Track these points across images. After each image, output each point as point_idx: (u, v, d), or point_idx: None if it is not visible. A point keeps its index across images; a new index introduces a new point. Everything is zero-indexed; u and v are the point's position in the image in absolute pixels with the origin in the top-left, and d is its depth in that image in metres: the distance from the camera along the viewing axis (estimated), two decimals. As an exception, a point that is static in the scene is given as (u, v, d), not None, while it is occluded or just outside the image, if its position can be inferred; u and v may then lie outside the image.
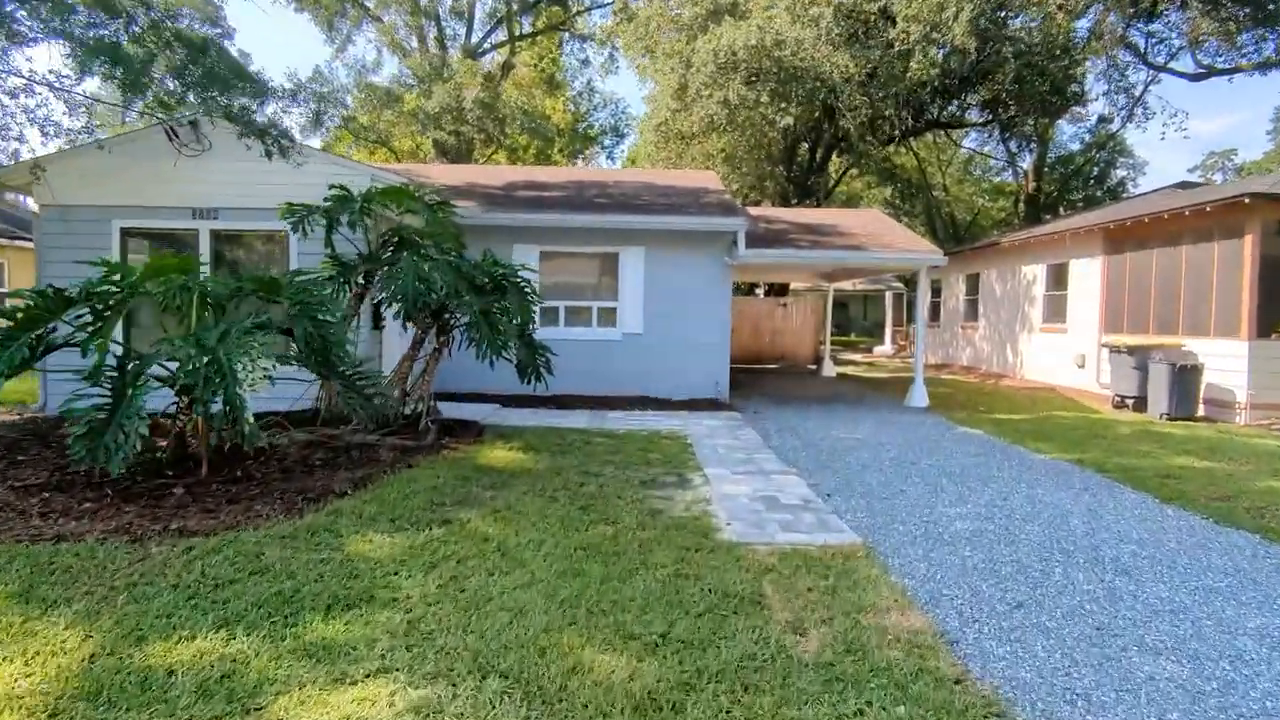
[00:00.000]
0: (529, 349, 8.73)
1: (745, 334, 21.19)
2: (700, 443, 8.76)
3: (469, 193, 13.13)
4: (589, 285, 12.64)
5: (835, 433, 9.79)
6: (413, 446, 7.85)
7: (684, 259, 12.27)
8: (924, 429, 10.24)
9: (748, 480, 6.97)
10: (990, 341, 19.18)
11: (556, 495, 6.13)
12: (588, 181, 14.64)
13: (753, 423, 10.51)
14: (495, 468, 7.14)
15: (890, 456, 8.24)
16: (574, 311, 12.47)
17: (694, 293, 12.28)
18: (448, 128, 24.21)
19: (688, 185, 14.46)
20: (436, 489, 6.21)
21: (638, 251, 12.25)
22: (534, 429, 9.34)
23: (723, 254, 12.25)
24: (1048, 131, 31.30)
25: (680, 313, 12.29)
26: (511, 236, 12.21)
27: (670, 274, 12.27)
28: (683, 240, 12.23)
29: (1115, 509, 6.24)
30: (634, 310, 12.30)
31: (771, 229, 13.76)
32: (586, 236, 12.23)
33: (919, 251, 12.49)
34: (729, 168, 26.29)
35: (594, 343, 12.34)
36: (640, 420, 10.35)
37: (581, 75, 37.39)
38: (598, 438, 8.92)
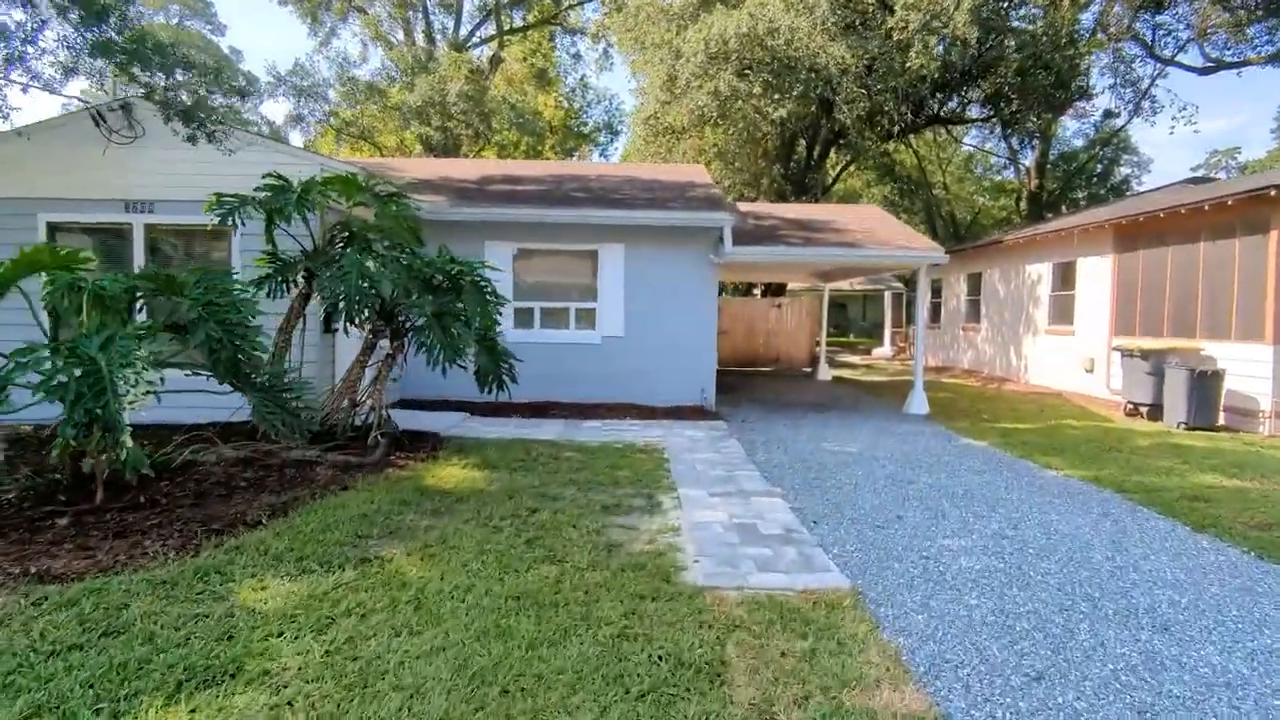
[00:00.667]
0: (490, 355, 7.96)
1: (739, 336, 20.42)
2: (678, 457, 7.98)
3: (441, 186, 12.36)
4: (566, 285, 11.87)
5: (827, 445, 9.01)
6: (356, 463, 7.08)
7: (667, 257, 11.50)
8: (923, 440, 9.46)
9: (725, 504, 6.19)
10: (993, 344, 18.40)
11: (502, 525, 5.36)
12: (567, 175, 13.86)
13: (739, 433, 9.73)
14: (442, 489, 6.36)
15: (886, 474, 7.46)
16: (550, 313, 11.70)
17: (678, 293, 11.50)
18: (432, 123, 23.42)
19: (673, 179, 13.69)
20: (366, 517, 5.44)
21: (617, 249, 11.48)
22: (499, 441, 8.56)
23: (708, 251, 11.47)
24: (1051, 127, 30.51)
25: (663, 314, 11.52)
26: (483, 233, 11.43)
27: (652, 273, 11.50)
28: (666, 237, 11.45)
29: (1142, 540, 5.46)
30: (614, 312, 11.53)
31: (761, 225, 12.99)
32: (563, 233, 11.45)
33: (918, 249, 11.72)
34: (723, 165, 25.51)
35: (572, 346, 11.57)
36: (618, 430, 9.57)
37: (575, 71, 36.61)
38: (567, 451, 8.15)
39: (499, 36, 29.67)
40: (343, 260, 7.06)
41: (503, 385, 8.05)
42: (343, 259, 7.08)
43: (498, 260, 11.39)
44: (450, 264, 7.65)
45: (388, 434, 7.78)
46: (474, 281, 7.73)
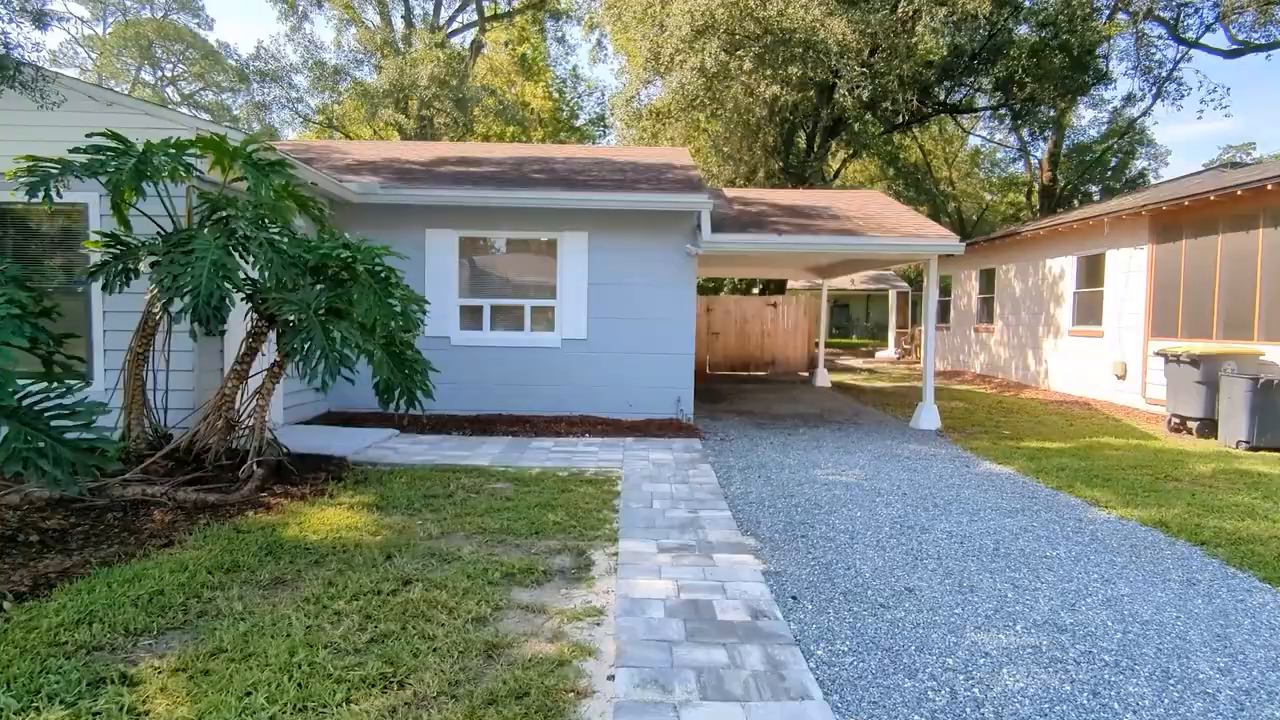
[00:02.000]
0: (397, 364, 6.38)
1: (731, 337, 18.85)
2: (634, 490, 6.40)
3: (384, 169, 10.79)
4: (522, 280, 10.30)
5: (820, 472, 7.42)
6: (214, 503, 5.52)
7: (637, 247, 9.91)
8: (937, 466, 7.86)
9: (677, 564, 4.61)
10: (1009, 346, 16.79)
11: (350, 608, 3.78)
12: (530, 157, 12.29)
13: (716, 454, 8.14)
14: (304, 542, 4.79)
15: (892, 516, 5.86)
16: (503, 312, 10.12)
17: (650, 289, 9.92)
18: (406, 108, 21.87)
19: (649, 162, 12.11)
20: (163, 594, 3.87)
21: (579, 237, 9.90)
22: (417, 468, 6.99)
23: (685, 241, 9.89)
24: (1065, 116, 28.84)
25: (633, 313, 9.93)
26: (424, 219, 9.86)
27: (621, 266, 9.91)
28: (635, 224, 9.87)
29: (1255, 630, 3.86)
30: (576, 310, 9.94)
31: (748, 211, 11.40)
32: (517, 218, 9.88)
33: (927, 237, 10.12)
34: (717, 156, 23.91)
35: (527, 351, 9.99)
36: (569, 452, 7.99)
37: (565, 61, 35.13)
38: (497, 482, 6.59)
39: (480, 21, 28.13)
40: (192, 244, 5.48)
41: (413, 401, 6.47)
42: (192, 242, 5.50)
43: (441, 250, 9.83)
44: (339, 248, 6.07)
45: (266, 462, 6.20)
46: (372, 270, 6.15)
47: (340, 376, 5.68)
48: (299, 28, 26.35)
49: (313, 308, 5.85)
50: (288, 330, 5.83)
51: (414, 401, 6.45)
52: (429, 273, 9.89)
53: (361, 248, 6.21)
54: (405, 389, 6.37)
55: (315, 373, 5.57)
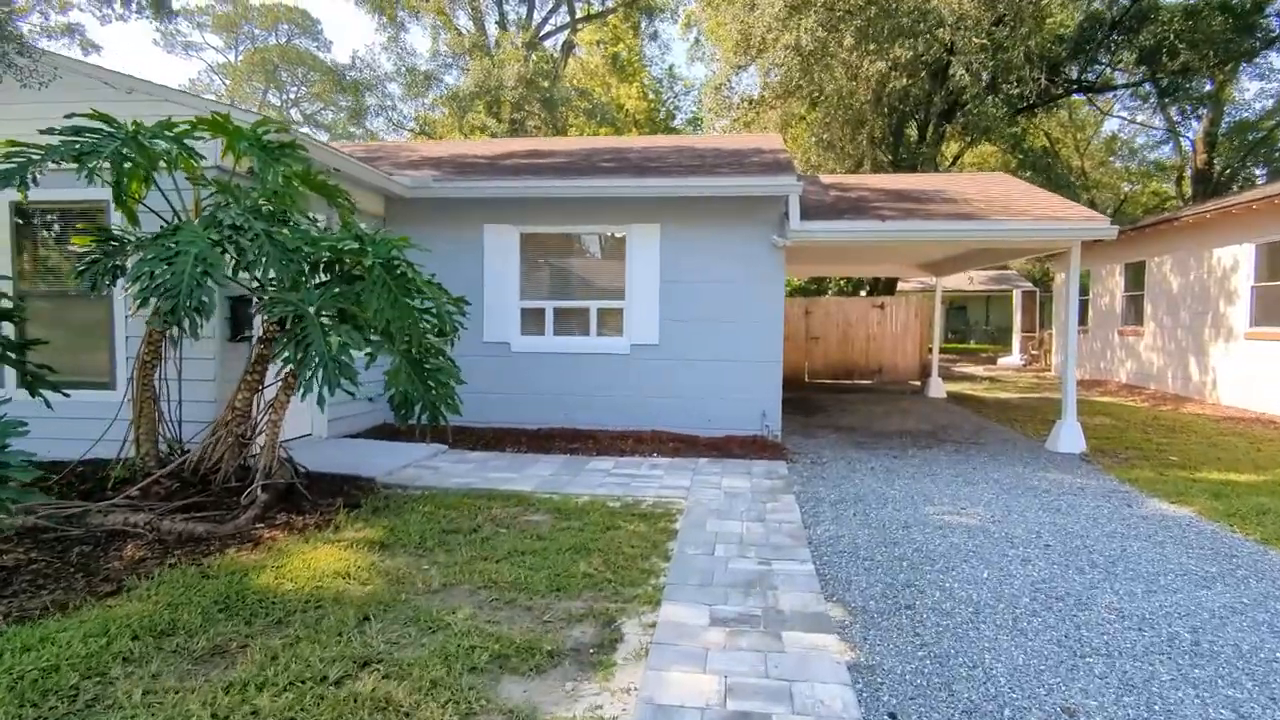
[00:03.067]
0: (417, 374, 5.47)
1: (832, 341, 17.22)
2: (694, 530, 5.22)
3: (446, 163, 10.09)
4: (587, 280, 9.31)
5: (933, 509, 5.97)
6: (201, 534, 4.77)
7: (716, 240, 8.71)
8: (1087, 503, 6.23)
9: (730, 648, 3.41)
10: (1163, 352, 14.38)
11: (269, 709, 2.81)
12: (603, 148, 11.32)
13: (805, 482, 6.83)
14: (275, 594, 3.91)
15: (1032, 580, 4.41)
16: (566, 315, 9.16)
17: (730, 287, 8.69)
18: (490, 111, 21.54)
19: (734, 147, 10.87)
20: (56, 670, 3.04)
21: (650, 231, 8.80)
22: (450, 494, 6.08)
23: (771, 232, 8.60)
24: (1225, 89, 25.32)
25: (711, 315, 8.73)
26: (481, 214, 9.05)
27: (697, 262, 8.74)
28: (712, 213, 8.68)
29: None
30: (646, 313, 8.85)
31: (845, 197, 9.96)
32: (582, 211, 8.90)
33: (1069, 220, 8.37)
34: (819, 148, 22.26)
35: (592, 357, 8.97)
36: (629, 475, 6.89)
37: (662, 61, 34.28)
38: (535, 513, 5.57)
39: (571, 24, 27.65)
40: (177, 235, 4.76)
41: (437, 418, 5.54)
42: (178, 234, 4.78)
43: (500, 248, 8.97)
44: (348, 241, 5.22)
45: (273, 485, 5.43)
46: (388, 266, 5.27)
47: (341, 389, 4.80)
48: (396, 38, 26.71)
49: (315, 309, 5.02)
50: (280, 335, 5.02)
51: (438, 417, 5.52)
52: (487, 272, 9.06)
53: (377, 239, 5.34)
54: (428, 403, 5.44)
55: (310, 385, 4.72)
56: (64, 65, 6.41)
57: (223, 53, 53.42)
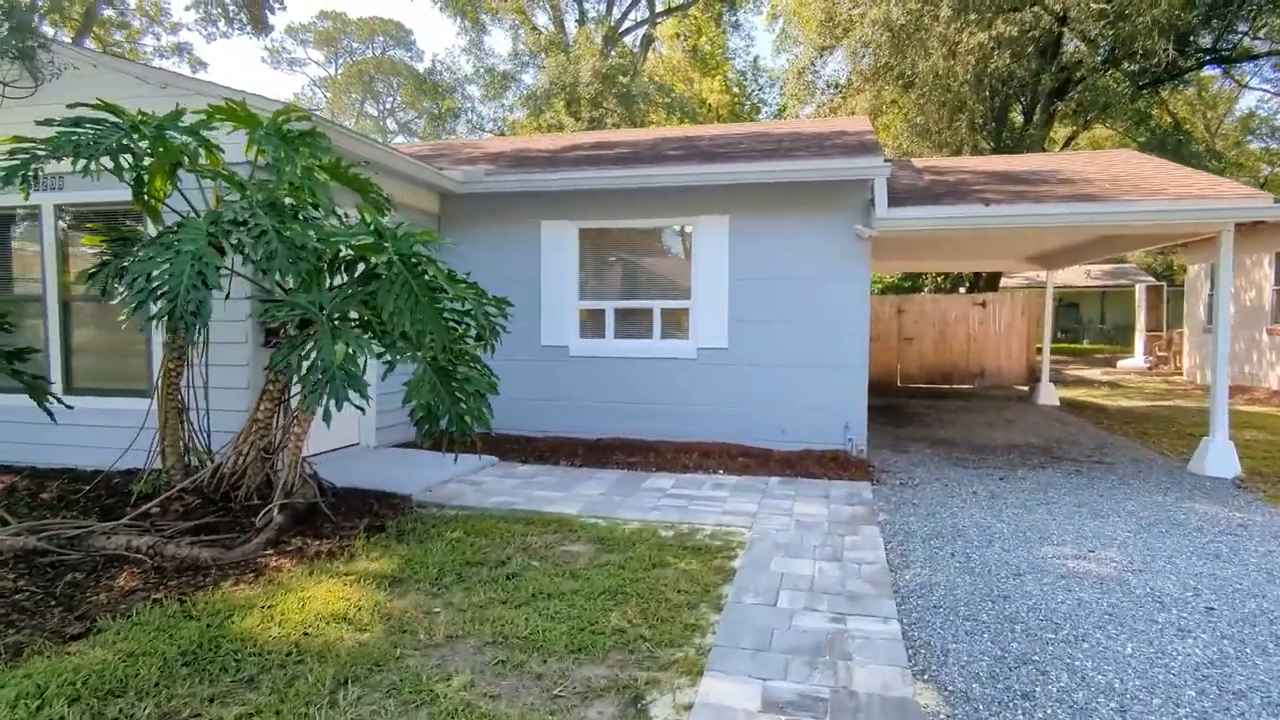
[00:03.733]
0: (444, 385, 4.89)
1: (927, 342, 15.87)
2: (756, 571, 4.41)
3: (508, 158, 9.59)
4: (650, 278, 8.58)
5: (1052, 550, 4.93)
6: (206, 561, 4.34)
7: (791, 232, 7.82)
8: (1254, 546, 5.03)
9: (782, 757, 2.61)
10: (1325, 353, 12.39)
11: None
12: (673, 137, 10.58)
13: (892, 508, 5.88)
14: (254, 642, 3.38)
15: (1198, 660, 3.37)
16: (628, 317, 8.46)
17: (808, 284, 7.78)
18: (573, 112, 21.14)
19: (814, 131, 9.90)
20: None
21: (718, 224, 7.99)
22: (486, 515, 5.50)
23: (854, 221, 7.63)
24: (1396, 51, 22.03)
25: (786, 315, 7.85)
26: (537, 209, 8.48)
27: (770, 256, 7.87)
28: (787, 201, 7.79)
29: None
30: (714, 313, 8.04)
31: (941, 180, 8.84)
32: (645, 203, 8.18)
33: (1221, 198, 7.02)
34: (912, 134, 20.75)
35: (656, 362, 8.24)
36: (689, 496, 6.12)
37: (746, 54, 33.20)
38: (576, 542, 4.91)
39: (651, 17, 27.01)
40: (179, 233, 4.33)
41: (464, 431, 4.94)
42: (179, 231, 4.35)
43: (558, 245, 8.38)
44: (363, 235, 4.68)
45: (292, 505, 4.96)
46: (409, 262, 4.70)
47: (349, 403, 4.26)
48: (478, 41, 26.81)
49: (326, 311, 4.50)
50: (284, 342, 4.53)
51: (465, 430, 4.92)
52: (545, 271, 8.48)
53: (397, 233, 4.79)
54: (454, 417, 4.85)
55: (318, 398, 4.19)
56: (100, 61, 6.21)
57: (324, 67, 55.82)
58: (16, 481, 6.03)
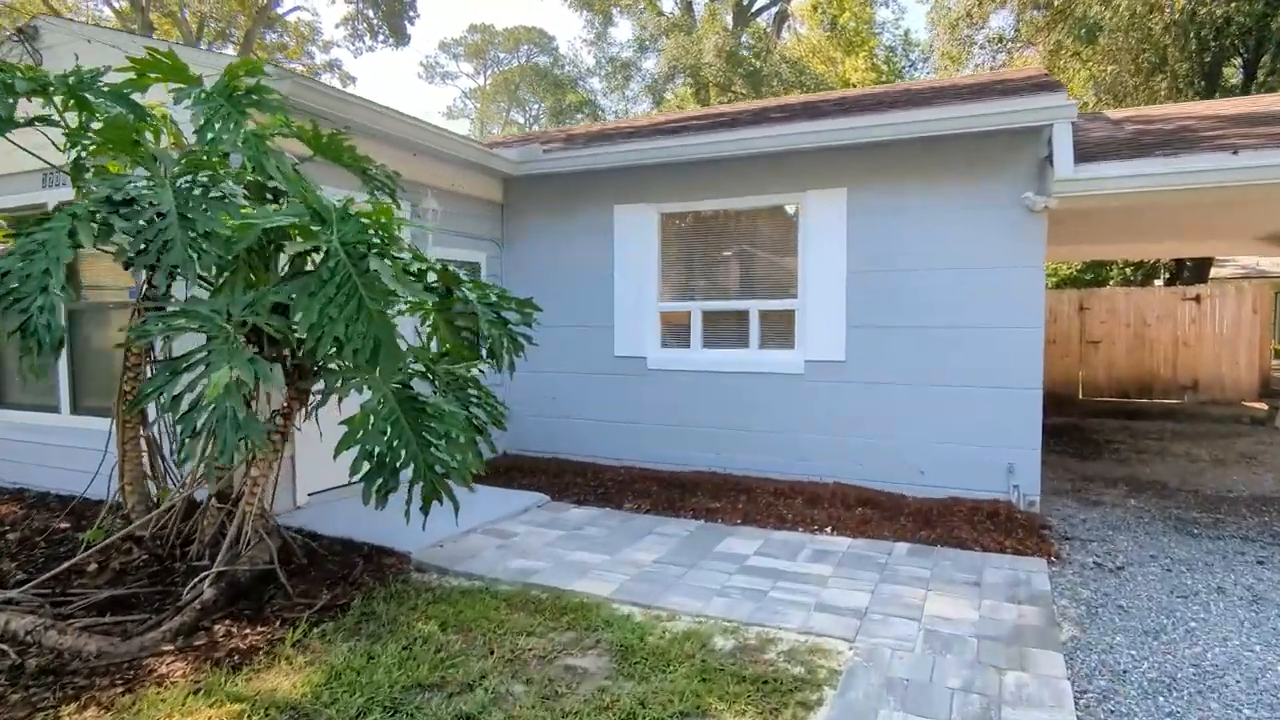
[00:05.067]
0: (411, 421, 3.53)
1: (1119, 346, 12.94)
2: (843, 744, 2.69)
3: (581, 138, 8.22)
4: (746, 272, 6.88)
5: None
6: (90, 654, 3.25)
7: (931, 207, 5.86)
8: None
9: None
10: None
11: None
12: (788, 104, 8.76)
13: (1086, 612, 3.88)
14: None
15: None
16: (718, 321, 6.83)
17: (956, 276, 5.79)
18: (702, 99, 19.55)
19: (969, 83, 7.75)
20: None
21: (832, 199, 6.17)
22: (492, 592, 4.11)
23: (1023, 187, 5.55)
24: None
25: (923, 319, 5.90)
26: (609, 191, 7.03)
27: (902, 240, 5.95)
28: (926, 165, 5.84)
29: None
30: (827, 316, 6.23)
31: (1151, 130, 6.46)
32: (740, 178, 6.52)
33: None
34: (1101, 96, 17.38)
35: (753, 378, 6.54)
36: (771, 576, 4.40)
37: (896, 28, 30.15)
38: (586, 655, 3.41)
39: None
40: (51, 223, 3.24)
41: (437, 493, 3.54)
42: (51, 221, 3.27)
43: (635, 235, 6.94)
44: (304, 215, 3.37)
45: (231, 575, 3.80)
46: (354, 253, 3.36)
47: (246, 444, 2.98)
48: (603, 34, 25.88)
49: (235, 321, 3.26)
50: (160, 367, 3.33)
51: (437, 493, 3.52)
52: (619, 267, 7.02)
53: (348, 213, 3.47)
54: (422, 469, 3.47)
55: (190, 450, 2.94)
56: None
57: (473, 78, 57.93)
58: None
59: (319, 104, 5.04)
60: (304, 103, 4.93)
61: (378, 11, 32.54)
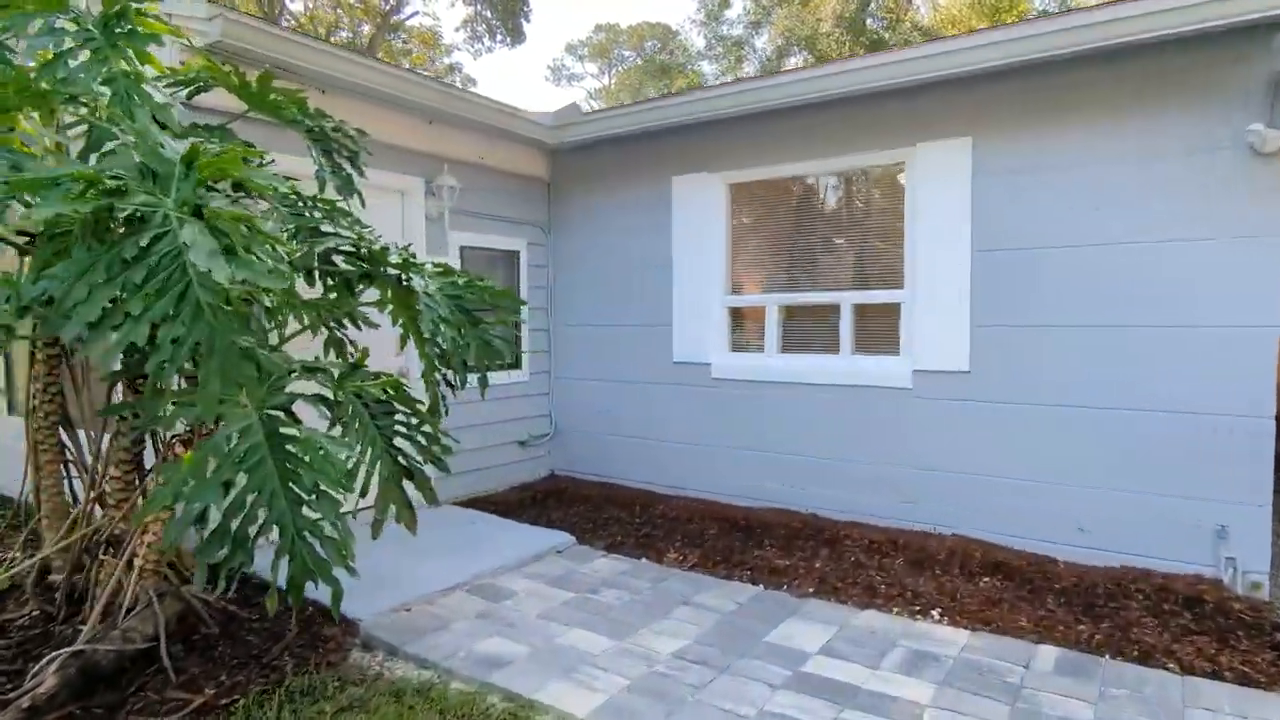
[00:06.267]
0: (279, 463, 2.42)
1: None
2: None
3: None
4: (833, 257, 5.36)
5: None
6: None
7: (1102, 155, 4.15)
8: None
9: None
10: None
11: None
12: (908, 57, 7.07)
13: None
14: None
15: None
16: (800, 318, 5.37)
17: (1136, 255, 4.06)
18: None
19: None
20: None
21: (954, 154, 4.57)
22: (430, 698, 2.95)
23: (1246, 118, 3.75)
24: None
25: (1088, 314, 4.20)
26: (667, 158, 5.75)
27: (1054, 205, 4.28)
28: (1091, 99, 4.13)
29: None
30: (944, 311, 4.64)
31: None
32: (828, 132, 5.04)
33: None
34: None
35: (844, 393, 5.04)
36: (835, 695, 2.98)
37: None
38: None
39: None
40: None
41: (311, 576, 2.40)
42: None
43: (697, 212, 5.66)
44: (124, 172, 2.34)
45: (88, 659, 2.87)
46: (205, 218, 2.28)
47: None
48: (717, 13, 24.45)
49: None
50: None
51: (304, 579, 2.39)
52: (677, 253, 5.72)
53: (199, 159, 2.41)
54: (292, 536, 2.35)
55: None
56: None
57: (597, 78, 58.10)
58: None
59: (271, 49, 4.08)
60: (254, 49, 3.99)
61: (495, 12, 32.75)
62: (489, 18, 33.66)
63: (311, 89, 4.55)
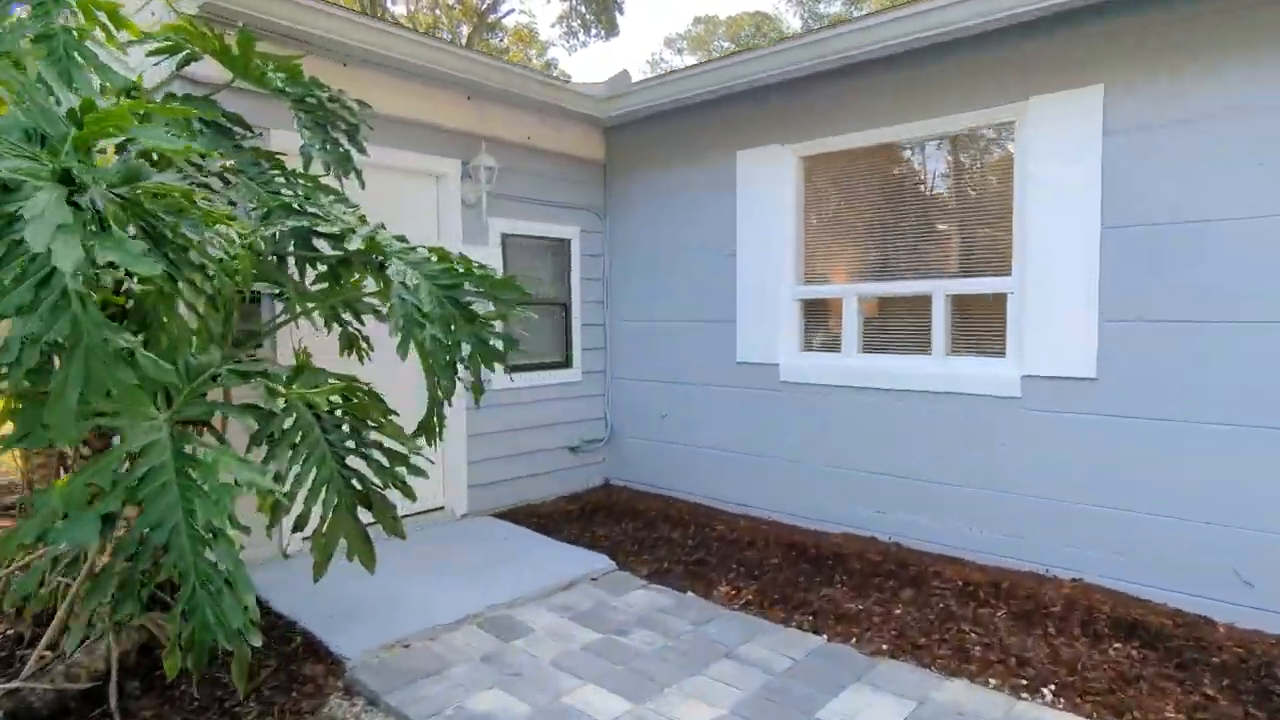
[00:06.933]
0: (184, 486, 1.95)
1: None
2: None
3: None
4: (925, 238, 4.51)
5: None
6: None
7: (1265, 100, 3.18)
8: None
9: None
10: None
11: None
12: None
13: None
14: None
15: None
16: (884, 313, 4.57)
17: (1333, 223, 3.08)
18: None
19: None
20: None
21: (1075, 106, 3.66)
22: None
23: None
24: None
25: (1261, 305, 3.24)
26: (731, 131, 5.07)
27: (1212, 169, 3.32)
28: (1264, 23, 3.16)
29: None
30: (1061, 304, 3.75)
31: None
32: (915, 90, 4.23)
33: None
34: None
35: (937, 400, 4.22)
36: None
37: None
38: None
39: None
40: None
41: (206, 644, 1.93)
42: None
43: (763, 190, 4.99)
44: None
45: (22, 699, 2.52)
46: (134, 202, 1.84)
47: None
48: (813, -5, 23.20)
49: None
50: None
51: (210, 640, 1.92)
52: (742, 237, 5.02)
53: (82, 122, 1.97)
54: (198, 581, 1.88)
55: None
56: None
57: (694, 70, 57.59)
58: None
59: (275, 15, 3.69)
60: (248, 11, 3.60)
61: (589, 6, 32.60)
62: (583, 12, 33.54)
63: (332, 61, 4.18)
